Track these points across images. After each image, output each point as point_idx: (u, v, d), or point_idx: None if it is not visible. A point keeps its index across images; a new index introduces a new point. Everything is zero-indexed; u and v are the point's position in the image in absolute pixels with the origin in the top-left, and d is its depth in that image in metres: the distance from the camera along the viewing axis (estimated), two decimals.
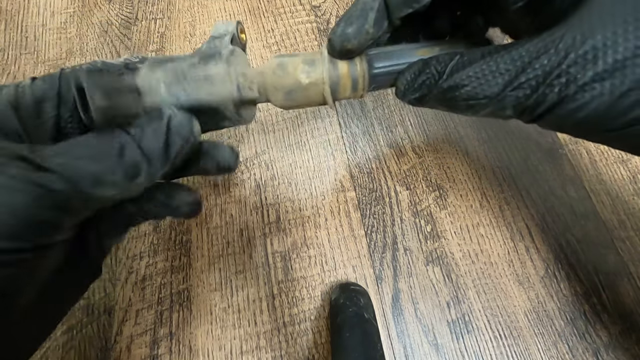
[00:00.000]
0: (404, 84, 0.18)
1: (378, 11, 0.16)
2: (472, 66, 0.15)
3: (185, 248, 0.31)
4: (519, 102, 0.15)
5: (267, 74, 0.18)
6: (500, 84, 0.15)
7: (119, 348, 0.28)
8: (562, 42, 0.13)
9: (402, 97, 0.18)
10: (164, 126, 0.15)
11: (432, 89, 0.17)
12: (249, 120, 0.20)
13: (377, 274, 0.30)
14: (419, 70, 0.17)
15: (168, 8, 0.42)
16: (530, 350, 0.27)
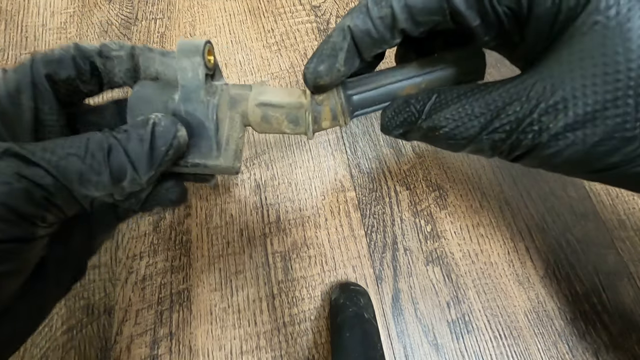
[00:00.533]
0: (386, 121, 0.18)
1: (348, 51, 0.17)
2: (449, 108, 0.16)
3: (185, 248, 0.31)
4: (495, 145, 0.15)
5: (249, 115, 0.19)
6: (477, 127, 0.15)
7: (119, 348, 0.28)
8: (533, 91, 0.14)
9: (387, 133, 0.18)
10: (148, 131, 0.15)
11: (412, 126, 0.17)
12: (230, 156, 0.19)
13: (377, 274, 0.30)
14: (399, 109, 0.17)
15: (168, 8, 0.42)
16: (530, 350, 0.27)
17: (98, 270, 0.30)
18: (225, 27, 0.41)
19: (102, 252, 0.31)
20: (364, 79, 0.18)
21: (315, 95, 0.18)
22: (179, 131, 0.16)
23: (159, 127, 0.15)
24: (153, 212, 0.32)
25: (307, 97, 0.18)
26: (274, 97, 0.18)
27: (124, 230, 0.31)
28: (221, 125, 0.18)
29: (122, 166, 0.14)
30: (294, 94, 0.18)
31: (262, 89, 0.18)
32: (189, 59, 0.16)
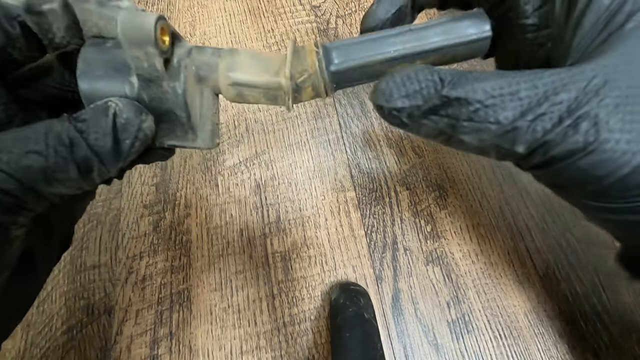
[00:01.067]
0: (390, 88, 0.14)
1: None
2: (487, 82, 0.13)
3: (185, 248, 0.31)
4: (534, 137, 0.12)
5: (222, 92, 0.16)
6: (517, 110, 0.12)
7: (119, 348, 0.28)
8: (593, 83, 0.12)
9: (384, 105, 0.14)
10: (109, 124, 0.14)
11: (429, 99, 0.13)
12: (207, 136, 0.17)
13: (377, 274, 0.30)
14: (415, 74, 0.14)
15: (168, 8, 0.42)
16: (530, 350, 0.27)
17: (98, 270, 0.30)
18: (225, 27, 0.41)
19: (102, 252, 0.31)
20: (352, 47, 0.16)
21: (294, 72, 0.16)
22: (144, 122, 0.15)
23: (121, 119, 0.14)
24: (154, 212, 0.32)
25: (286, 75, 0.15)
26: (248, 76, 0.16)
27: (124, 230, 0.31)
28: (192, 108, 0.16)
29: (87, 160, 0.13)
30: (271, 68, 0.16)
31: (233, 61, 0.16)
32: (140, 48, 0.14)
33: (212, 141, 0.17)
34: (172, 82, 0.15)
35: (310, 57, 0.16)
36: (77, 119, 0.13)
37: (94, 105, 0.14)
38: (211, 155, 0.34)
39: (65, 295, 0.29)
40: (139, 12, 0.14)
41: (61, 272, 0.30)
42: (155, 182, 0.33)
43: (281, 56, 0.16)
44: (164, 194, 0.33)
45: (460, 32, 0.15)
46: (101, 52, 0.15)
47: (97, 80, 0.14)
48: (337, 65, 0.16)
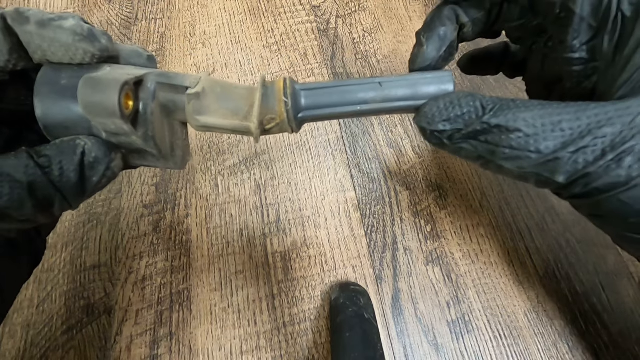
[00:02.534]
0: (433, 112, 0.14)
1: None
2: (528, 111, 0.13)
3: (185, 248, 0.31)
4: (575, 168, 0.12)
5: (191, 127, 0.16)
6: (559, 140, 0.12)
7: (119, 348, 0.28)
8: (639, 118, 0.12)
9: (427, 127, 0.15)
10: (76, 161, 0.13)
11: (470, 125, 0.14)
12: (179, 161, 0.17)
13: (377, 274, 0.30)
14: (457, 100, 0.14)
15: (168, 8, 0.42)
16: (530, 350, 0.27)
17: (98, 270, 0.30)
18: (225, 27, 0.41)
19: (102, 252, 0.31)
20: (321, 96, 0.16)
21: (262, 119, 0.16)
22: (113, 161, 0.14)
23: (89, 158, 0.13)
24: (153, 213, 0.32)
25: (254, 122, 0.15)
26: (216, 120, 0.15)
27: (124, 230, 0.31)
28: (162, 144, 0.15)
29: (48, 197, 0.13)
30: (240, 111, 0.16)
31: (201, 105, 0.15)
32: (104, 119, 0.13)
33: (183, 163, 0.17)
34: (140, 131, 0.14)
35: (279, 106, 0.16)
36: (39, 154, 0.13)
37: (59, 142, 0.13)
38: (211, 155, 0.34)
39: (65, 295, 0.29)
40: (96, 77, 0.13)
41: (61, 272, 0.30)
42: (155, 182, 0.33)
43: (250, 96, 0.16)
44: (164, 194, 0.33)
45: (424, 90, 0.16)
46: (60, 75, 0.14)
47: (56, 105, 0.14)
48: (305, 113, 0.16)
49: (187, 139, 0.18)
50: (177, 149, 0.17)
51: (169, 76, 0.15)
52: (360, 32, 0.40)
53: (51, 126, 0.14)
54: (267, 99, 0.16)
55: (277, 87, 0.16)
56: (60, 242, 0.31)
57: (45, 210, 0.13)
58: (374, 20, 0.41)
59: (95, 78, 0.13)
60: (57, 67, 0.14)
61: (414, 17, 0.41)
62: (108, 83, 0.13)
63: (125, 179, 0.33)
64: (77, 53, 0.13)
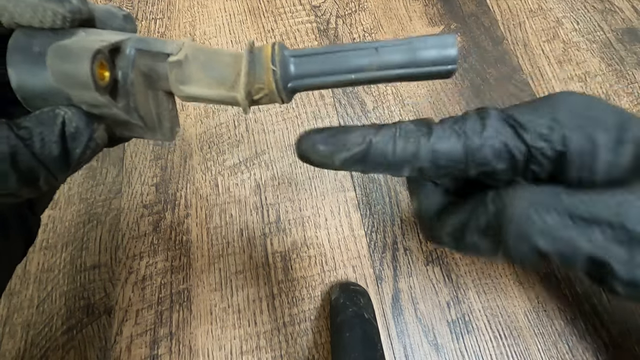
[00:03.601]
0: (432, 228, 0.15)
1: (356, 155, 0.14)
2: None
3: (185, 248, 0.31)
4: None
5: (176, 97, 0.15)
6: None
7: (119, 348, 0.28)
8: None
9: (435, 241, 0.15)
10: (57, 132, 0.13)
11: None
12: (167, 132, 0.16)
13: (377, 274, 0.30)
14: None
15: (168, 8, 0.42)
16: (530, 350, 0.27)
17: (98, 270, 0.30)
18: (225, 27, 0.41)
19: (102, 252, 0.31)
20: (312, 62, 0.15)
21: (250, 88, 0.14)
22: (96, 132, 0.13)
23: (70, 128, 0.13)
24: (153, 212, 0.32)
25: (241, 92, 0.14)
26: (201, 90, 0.14)
27: (124, 230, 0.31)
28: (147, 115, 0.14)
29: (32, 169, 0.12)
30: (226, 80, 0.14)
31: (183, 74, 0.14)
32: (79, 90, 0.12)
33: (172, 134, 0.16)
34: (120, 103, 0.13)
35: (266, 75, 0.14)
36: (19, 126, 0.12)
37: (39, 112, 0.13)
38: (211, 155, 0.34)
39: (65, 295, 0.29)
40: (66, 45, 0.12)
41: (61, 272, 0.30)
42: (155, 182, 0.33)
43: (236, 63, 0.15)
44: (164, 194, 0.33)
45: (424, 55, 0.14)
46: (32, 42, 0.13)
47: (31, 75, 0.13)
48: (295, 83, 0.15)
49: (174, 109, 0.17)
50: (164, 120, 0.16)
51: (149, 42, 0.14)
52: (360, 32, 0.40)
53: (29, 97, 0.13)
54: (254, 67, 0.14)
55: (265, 54, 0.14)
56: (60, 242, 0.31)
57: (30, 183, 0.13)
58: (374, 20, 0.41)
59: (65, 46, 0.12)
60: (29, 33, 0.13)
61: (414, 17, 0.41)
62: (79, 52, 0.12)
63: (125, 179, 0.33)
64: (45, 15, 0.12)
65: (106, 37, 0.13)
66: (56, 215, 0.32)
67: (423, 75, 0.15)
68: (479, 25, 0.41)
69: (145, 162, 0.34)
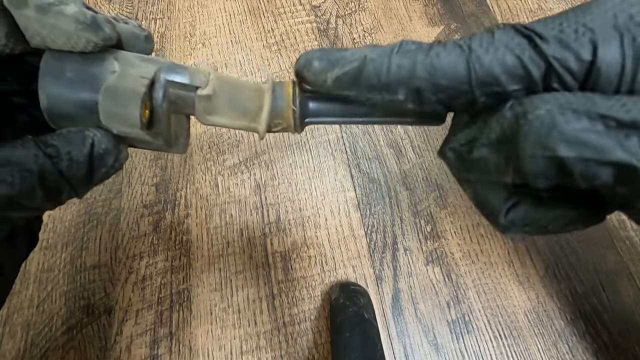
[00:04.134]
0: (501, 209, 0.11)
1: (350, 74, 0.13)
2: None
3: (185, 248, 0.31)
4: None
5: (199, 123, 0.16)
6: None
7: (119, 348, 0.28)
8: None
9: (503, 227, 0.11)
10: (86, 154, 0.13)
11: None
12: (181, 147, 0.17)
13: (377, 274, 0.30)
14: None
15: (168, 8, 0.42)
16: (530, 350, 0.27)
17: (98, 270, 0.30)
18: (225, 27, 0.41)
19: (102, 252, 0.31)
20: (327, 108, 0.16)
21: (270, 122, 0.16)
22: (122, 153, 0.15)
23: (99, 150, 0.14)
24: (154, 213, 0.32)
25: (262, 122, 0.15)
26: (226, 120, 0.16)
27: (124, 230, 0.31)
28: (168, 135, 0.16)
29: (57, 187, 0.13)
30: (249, 113, 0.16)
31: (211, 106, 0.15)
32: (124, 127, 0.14)
33: (185, 147, 0.17)
34: (151, 131, 0.15)
35: (287, 112, 0.16)
36: (46, 144, 0.13)
37: (65, 132, 0.13)
38: (211, 155, 0.34)
39: (65, 295, 0.29)
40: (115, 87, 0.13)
41: (61, 272, 0.30)
42: (155, 182, 0.33)
43: (258, 98, 0.16)
44: (164, 194, 0.33)
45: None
46: (63, 66, 0.13)
47: (62, 98, 0.13)
48: (311, 119, 0.16)
49: (189, 127, 0.18)
50: (180, 137, 0.17)
51: (178, 72, 0.15)
52: (360, 32, 0.40)
53: (57, 118, 0.14)
54: (276, 104, 0.16)
55: (287, 92, 0.16)
56: (60, 242, 0.31)
57: (53, 199, 0.13)
58: (374, 20, 0.41)
59: (115, 88, 0.13)
60: (59, 57, 0.13)
61: (414, 17, 0.41)
62: (129, 95, 0.13)
63: (125, 179, 0.33)
64: (79, 42, 0.13)
65: (141, 69, 0.14)
66: (56, 215, 0.32)
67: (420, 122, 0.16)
68: (479, 25, 0.41)
69: (145, 162, 0.34)
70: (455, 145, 0.12)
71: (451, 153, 0.12)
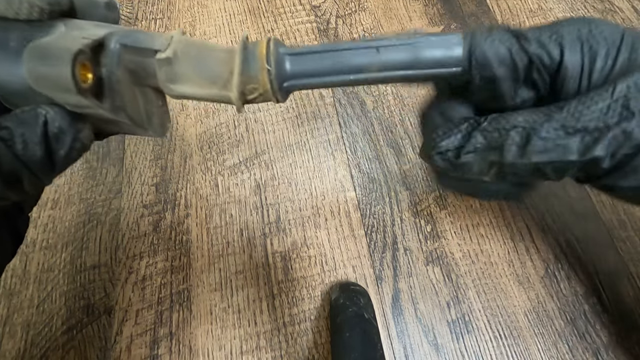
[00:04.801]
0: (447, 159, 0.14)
1: None
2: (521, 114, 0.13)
3: (185, 248, 0.31)
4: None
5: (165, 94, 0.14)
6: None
7: (119, 348, 0.28)
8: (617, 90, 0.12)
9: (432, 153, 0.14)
10: (39, 132, 0.12)
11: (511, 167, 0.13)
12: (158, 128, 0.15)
13: (377, 274, 0.30)
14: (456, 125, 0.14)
15: (168, 8, 0.42)
16: (530, 350, 0.27)
17: (98, 270, 0.30)
18: (225, 27, 0.41)
19: (102, 252, 0.31)
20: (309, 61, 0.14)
21: (243, 88, 0.14)
22: (81, 131, 0.13)
23: (52, 128, 0.12)
24: (154, 213, 0.32)
25: (234, 92, 0.13)
26: (193, 89, 0.14)
27: (124, 230, 0.31)
28: (134, 112, 0.14)
29: (15, 171, 0.12)
30: (218, 79, 0.14)
31: (173, 72, 0.13)
32: (61, 94, 0.11)
33: (163, 130, 0.15)
34: (106, 103, 0.12)
35: (261, 74, 0.13)
36: (0, 126, 0.12)
37: (19, 111, 0.12)
38: (211, 155, 0.34)
39: (65, 295, 0.29)
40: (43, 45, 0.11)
41: (61, 272, 0.30)
42: (155, 182, 0.33)
43: (229, 60, 0.14)
44: (164, 194, 0.33)
45: (428, 56, 0.14)
46: (7, 36, 0.12)
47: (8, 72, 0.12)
48: (290, 82, 0.14)
49: (165, 105, 0.16)
50: (153, 117, 0.15)
51: (135, 36, 0.13)
52: (360, 32, 0.40)
53: (7, 95, 0.12)
54: (248, 66, 0.13)
55: (259, 51, 0.14)
56: (60, 242, 0.31)
57: (13, 186, 0.12)
58: (374, 20, 0.41)
59: (42, 46, 0.11)
60: (3, 26, 0.12)
61: (414, 17, 0.41)
62: (58, 53, 0.11)
63: (125, 179, 0.33)
64: (21, 6, 0.11)
65: (89, 31, 0.12)
66: (56, 215, 0.32)
67: (427, 77, 0.14)
68: (479, 25, 0.41)
69: (145, 162, 0.34)
70: (442, 151, 0.14)
71: (439, 157, 0.14)
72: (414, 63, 0.14)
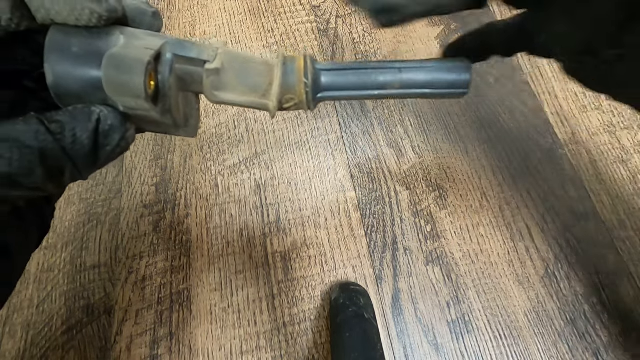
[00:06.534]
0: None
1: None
2: None
3: (185, 248, 0.31)
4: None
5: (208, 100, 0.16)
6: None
7: (119, 348, 0.28)
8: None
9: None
10: (91, 129, 0.13)
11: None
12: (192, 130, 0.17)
13: (377, 274, 0.30)
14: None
15: (168, 8, 0.42)
16: (530, 350, 0.27)
17: (98, 270, 0.30)
18: (225, 27, 0.41)
19: (102, 252, 0.31)
20: (340, 78, 0.16)
21: (281, 98, 0.15)
22: (129, 131, 0.14)
23: (104, 126, 0.13)
24: (154, 212, 0.32)
25: (273, 101, 0.15)
26: (234, 97, 0.15)
27: (124, 230, 0.31)
28: (177, 115, 0.15)
29: (59, 165, 0.12)
30: (259, 88, 0.15)
31: (219, 81, 0.15)
32: (128, 98, 0.13)
33: (195, 131, 0.17)
34: (158, 107, 0.14)
35: (298, 86, 0.15)
36: (50, 120, 0.12)
37: (72, 108, 0.13)
38: (211, 155, 0.34)
39: (65, 295, 0.29)
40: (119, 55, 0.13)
41: (61, 272, 0.30)
42: (155, 182, 0.33)
43: (269, 73, 0.15)
44: (164, 194, 0.33)
45: (442, 78, 0.16)
46: (70, 41, 0.13)
47: (68, 74, 0.13)
48: (323, 94, 0.16)
49: (199, 108, 0.18)
50: (191, 119, 0.16)
51: (185, 46, 0.15)
52: (360, 32, 0.40)
53: (63, 95, 0.13)
54: (287, 78, 0.15)
55: (298, 66, 0.16)
56: (60, 242, 0.31)
57: (55, 178, 0.13)
58: None
59: (118, 57, 0.13)
60: (65, 31, 0.13)
61: None
62: (132, 64, 0.12)
63: (125, 179, 0.33)
64: (83, 14, 0.13)
65: (146, 41, 0.14)
66: (56, 215, 0.32)
67: (438, 95, 0.16)
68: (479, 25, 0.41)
69: (145, 162, 0.34)
70: None
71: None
72: (430, 83, 0.16)
